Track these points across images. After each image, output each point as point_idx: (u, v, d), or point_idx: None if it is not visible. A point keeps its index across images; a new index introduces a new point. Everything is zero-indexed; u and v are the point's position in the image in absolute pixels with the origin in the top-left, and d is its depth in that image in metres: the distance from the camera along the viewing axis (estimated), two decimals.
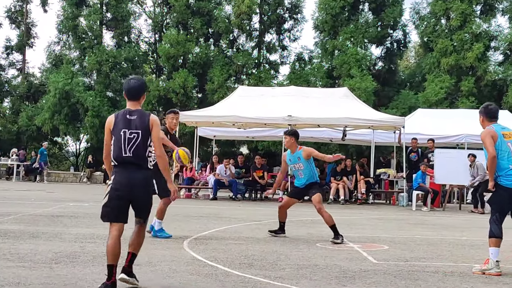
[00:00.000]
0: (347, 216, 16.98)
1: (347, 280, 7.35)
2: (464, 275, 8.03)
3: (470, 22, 33.58)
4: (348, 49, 33.88)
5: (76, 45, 36.48)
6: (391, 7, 34.94)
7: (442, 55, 33.40)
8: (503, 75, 34.39)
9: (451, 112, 29.04)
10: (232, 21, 35.84)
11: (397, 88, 35.11)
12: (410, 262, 9.02)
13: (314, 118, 22.30)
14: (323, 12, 34.76)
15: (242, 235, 11.55)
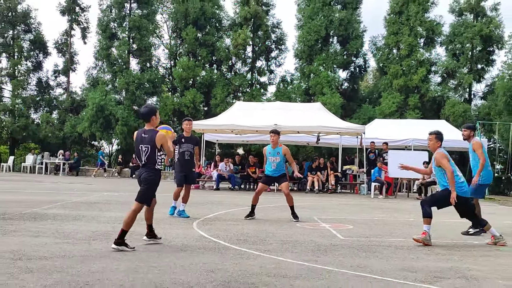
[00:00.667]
0: (320, 202, 17.02)
1: (321, 253, 7.37)
2: (411, 248, 8.05)
3: (416, 51, 33.69)
4: (321, 73, 33.94)
5: (109, 70, 36.47)
6: (354, 40, 35.01)
7: (394, 77, 33.50)
8: (441, 93, 34.52)
9: (400, 121, 29.10)
10: (230, 51, 35.97)
11: (359, 103, 35.18)
12: (369, 238, 9.04)
13: (295, 126, 22.36)
14: (301, 43, 34.83)
15: (239, 217, 11.56)
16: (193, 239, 8.19)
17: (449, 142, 26.20)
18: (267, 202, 16.31)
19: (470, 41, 33.93)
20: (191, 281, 5.43)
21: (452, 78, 35.22)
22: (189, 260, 6.52)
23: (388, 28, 34.85)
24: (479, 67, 34.98)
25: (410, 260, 7.03)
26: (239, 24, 36.22)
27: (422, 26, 34.07)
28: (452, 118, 31.57)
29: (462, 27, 34.13)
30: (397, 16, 34.48)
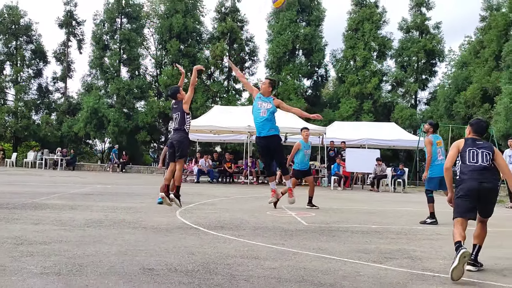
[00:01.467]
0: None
1: (288, 237, 7.40)
2: (365, 233, 8.13)
3: (369, 63, 34.02)
4: (288, 81, 34.05)
5: (102, 77, 36.09)
6: (317, 53, 35.17)
7: (351, 86, 33.76)
8: (391, 99, 34.93)
9: (356, 123, 29.39)
10: (209, 61, 35.96)
11: (321, 108, 35.33)
12: (329, 224, 9.11)
13: None
14: (271, 55, 34.86)
15: (217, 206, 11.55)
16: (176, 226, 8.15)
17: (398, 142, 26.67)
18: (242, 193, 16.32)
19: (416, 55, 34.38)
20: (174, 262, 5.41)
21: (400, 87, 35.65)
22: (172, 244, 6.50)
23: (346, 43, 35.09)
24: (423, 77, 35.50)
25: (364, 243, 7.10)
26: (217, 37, 36.20)
27: (375, 41, 34.39)
28: (401, 121, 31.98)
29: (409, 42, 34.56)
30: (354, 33, 34.75)
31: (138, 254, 5.81)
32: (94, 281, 4.58)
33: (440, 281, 5.07)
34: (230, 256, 5.85)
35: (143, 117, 34.53)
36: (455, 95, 29.86)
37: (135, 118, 34.72)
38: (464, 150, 5.92)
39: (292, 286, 4.67)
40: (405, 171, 21.92)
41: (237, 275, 4.97)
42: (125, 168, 31.39)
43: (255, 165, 23.22)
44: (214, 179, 22.74)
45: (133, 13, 36.28)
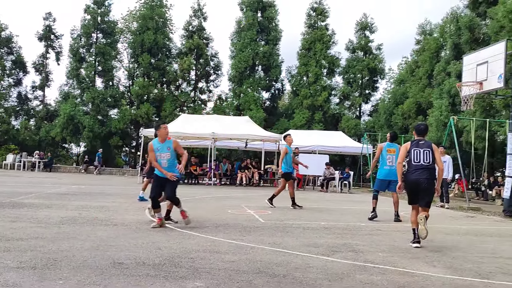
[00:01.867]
0: (247, 193, 17.06)
1: (247, 233, 7.39)
2: (315, 229, 8.20)
3: (320, 79, 34.43)
4: (249, 93, 34.10)
5: (78, 86, 35.22)
6: (274, 69, 35.37)
7: (304, 98, 34.09)
8: (339, 111, 35.48)
9: (308, 132, 29.65)
10: (178, 74, 35.74)
11: (277, 117, 35.58)
12: (284, 221, 9.15)
13: (228, 134, 22.37)
14: (234, 70, 34.83)
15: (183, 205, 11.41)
16: (144, 223, 8.02)
17: (344, 148, 27.08)
18: (206, 193, 16.22)
19: (361, 72, 35.06)
20: (142, 257, 5.32)
21: (347, 100, 36.26)
22: (141, 240, 6.39)
23: (300, 60, 35.44)
24: (366, 92, 36.22)
25: (314, 238, 7.17)
26: (185, 53, 35.98)
27: (325, 60, 34.86)
28: (347, 130, 32.51)
29: (355, 61, 35.22)
30: (307, 52, 35.14)
31: (109, 249, 5.69)
32: (68, 274, 4.46)
33: (379, 271, 5.16)
34: (193, 251, 5.80)
35: (116, 123, 33.91)
36: (393, 108, 30.62)
37: (109, 125, 34.05)
38: (410, 150, 6.97)
39: (249, 277, 4.66)
40: (350, 174, 22.25)
41: (200, 268, 4.93)
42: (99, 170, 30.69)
43: (218, 168, 23.13)
44: (180, 181, 22.47)
45: (108, 29, 35.65)
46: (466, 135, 20.83)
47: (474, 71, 13.45)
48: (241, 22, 35.61)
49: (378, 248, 6.54)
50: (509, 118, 13.05)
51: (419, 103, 28.02)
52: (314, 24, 35.68)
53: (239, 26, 35.68)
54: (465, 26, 22.63)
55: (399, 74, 36.45)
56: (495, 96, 15.10)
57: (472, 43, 22.55)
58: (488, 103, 19.83)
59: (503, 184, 16.00)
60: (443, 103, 23.00)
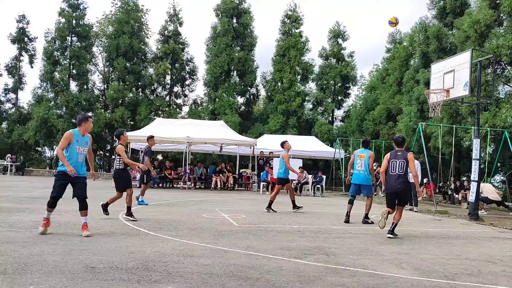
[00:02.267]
0: (221, 197, 17.01)
1: (220, 236, 7.36)
2: (288, 232, 8.23)
3: (294, 85, 34.62)
4: (224, 98, 34.04)
5: (52, 89, 34.55)
6: (250, 74, 35.43)
7: (278, 104, 34.23)
8: (312, 116, 35.77)
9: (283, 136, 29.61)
10: (153, 78, 35.51)
11: (252, 122, 35.61)
12: (257, 225, 9.15)
13: (203, 138, 22.25)
14: (209, 75, 34.74)
15: (157, 210, 11.32)
16: (119, 227, 7.91)
17: (317, 153, 27.29)
18: (181, 197, 16.09)
19: (333, 79, 35.43)
20: (115, 261, 5.24)
21: (320, 106, 36.56)
22: (114, 244, 6.29)
23: (274, 67, 35.57)
24: (339, 98, 36.59)
25: (287, 241, 7.19)
26: (160, 57, 35.79)
27: (299, 66, 35.08)
28: (320, 135, 32.77)
29: (328, 68, 35.56)
30: (281, 58, 35.30)
31: (82, 253, 5.58)
32: (39, 279, 4.35)
33: (350, 273, 5.21)
34: (167, 255, 5.74)
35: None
36: (365, 114, 31.01)
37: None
38: (389, 160, 8.47)
39: (223, 280, 4.64)
40: (323, 178, 22.43)
41: (173, 272, 4.88)
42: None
43: (193, 172, 22.99)
44: (155, 185, 22.27)
45: (83, 33, 35.09)
46: (434, 140, 21.27)
47: (441, 79, 13.73)
48: (216, 28, 35.57)
49: (349, 251, 6.60)
50: (474, 125, 13.38)
51: (389, 110, 28.45)
52: (289, 31, 35.91)
53: (214, 32, 35.64)
54: (433, 35, 23.14)
55: (370, 81, 36.98)
56: (461, 104, 15.48)
57: (439, 52, 23.06)
58: (454, 110, 20.30)
59: (468, 188, 16.39)
60: (412, 109, 23.42)
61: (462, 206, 18.60)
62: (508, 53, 17.52)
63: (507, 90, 19.53)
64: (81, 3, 35.28)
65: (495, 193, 16.13)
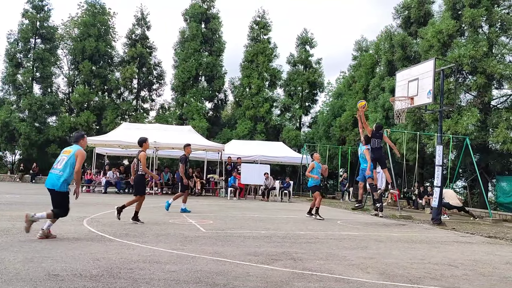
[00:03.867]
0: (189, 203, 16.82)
1: (187, 242, 7.30)
2: (256, 238, 8.22)
3: (262, 91, 34.82)
4: (192, 103, 33.91)
5: (14, 92, 33.62)
6: (218, 79, 35.47)
7: (246, 109, 34.33)
8: (280, 122, 36.00)
9: (250, 142, 29.82)
10: (120, 82, 35.07)
11: (220, 127, 35.57)
12: (225, 230, 9.11)
13: (170, 143, 22.05)
14: (177, 80, 34.58)
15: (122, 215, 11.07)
16: (83, 234, 7.73)
17: (285, 158, 27.46)
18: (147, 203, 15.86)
19: (301, 85, 35.77)
20: (79, 268, 5.12)
21: (288, 111, 36.83)
22: (79, 251, 6.14)
23: (242, 72, 35.70)
24: (306, 104, 36.97)
25: (254, 247, 7.18)
26: (127, 61, 35.41)
27: (267, 72, 35.32)
28: (287, 140, 33.01)
29: (296, 74, 35.90)
30: (249, 64, 35.46)
31: (44, 261, 5.42)
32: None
33: (317, 278, 5.25)
34: (133, 261, 5.64)
35: (54, 131, 32.59)
36: (332, 120, 31.37)
37: (46, 132, 32.65)
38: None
39: (190, 287, 4.60)
40: (290, 183, 22.55)
41: (139, 279, 4.80)
42: (35, 178, 29.35)
43: (160, 177, 22.73)
44: (121, 190, 21.93)
45: (47, 35, 34.34)
46: (398, 147, 21.72)
47: (406, 87, 14.08)
48: (185, 33, 35.45)
49: (316, 256, 6.64)
50: (437, 132, 13.74)
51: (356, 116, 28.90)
52: (257, 37, 36.11)
53: (183, 37, 35.50)
54: (398, 44, 23.69)
55: (337, 88, 37.49)
56: (425, 111, 15.90)
57: (404, 60, 23.62)
58: (418, 117, 20.81)
59: (432, 193, 16.79)
60: (378, 116, 23.86)
61: (425, 211, 19.04)
62: (469, 62, 18.13)
63: (468, 99, 20.17)
64: (46, 4, 34.60)
65: (456, 199, 16.58)
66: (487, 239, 10.08)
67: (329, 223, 11.67)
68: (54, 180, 7.11)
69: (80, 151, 7.39)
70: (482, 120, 18.75)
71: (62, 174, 7.10)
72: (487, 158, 20.16)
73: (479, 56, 18.01)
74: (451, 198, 16.21)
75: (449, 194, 16.40)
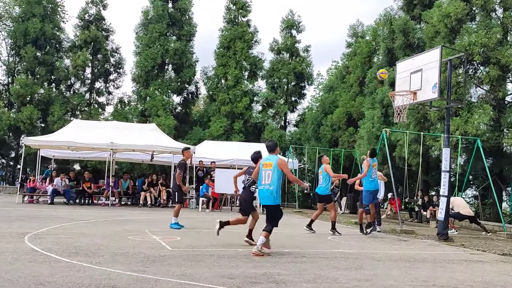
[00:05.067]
0: (152, 216, 16.77)
1: (150, 263, 7.25)
2: (232, 257, 8.22)
3: (241, 83, 34.83)
4: (157, 97, 33.74)
5: None
6: (188, 69, 35.35)
7: (222, 104, 34.30)
8: (261, 120, 36.06)
9: (227, 143, 29.77)
10: (70, 71, 34.75)
11: (190, 125, 35.46)
12: (195, 248, 9.09)
13: (130, 144, 21.90)
14: (139, 69, 34.36)
15: (72, 231, 10.98)
16: (24, 253, 7.61)
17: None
18: (103, 216, 15.73)
19: (286, 77, 35.90)
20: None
21: (271, 107, 36.96)
22: (18, 273, 6.04)
23: (217, 60, 35.65)
24: (293, 99, 37.16)
25: (230, 268, 7.17)
26: (79, 46, 35.03)
27: (247, 60, 35.37)
28: None
29: (280, 64, 36.04)
30: (226, 50, 35.44)
31: None
32: None
33: None
34: (84, 286, 5.58)
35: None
36: (322, 118, 31.59)
37: None
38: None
39: None
40: None
41: None
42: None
43: (117, 185, 22.54)
44: (71, 200, 21.67)
45: None
46: (399, 149, 21.98)
47: (408, 80, 14.23)
48: (148, 13, 35.26)
49: (302, 278, 6.66)
50: (444, 132, 13.92)
51: (350, 113, 29.15)
52: (235, 20, 36.14)
53: (146, 18, 35.31)
54: (399, 29, 23.97)
55: (328, 80, 37.78)
56: (430, 108, 16.11)
57: (406, 48, 23.92)
58: (422, 115, 21.08)
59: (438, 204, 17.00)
60: (375, 113, 24.10)
61: (430, 224, 19.29)
62: (481, 52, 18.43)
63: (479, 94, 20.51)
64: None
65: (467, 207, 16.79)
66: (500, 257, 10.26)
67: (318, 238, 11.72)
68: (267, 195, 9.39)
69: (282, 161, 9.64)
70: (496, 118, 19.09)
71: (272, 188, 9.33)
72: (501, 163, 20.52)
73: (492, 44, 18.33)
74: (462, 207, 16.37)
75: (458, 202, 16.59)
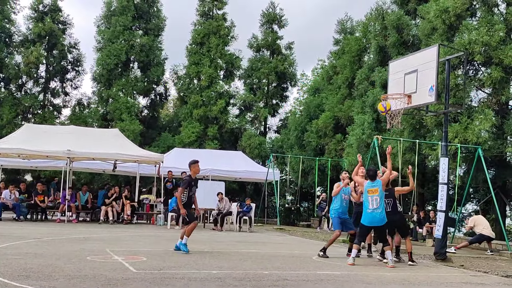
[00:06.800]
0: (114, 234, 16.63)
1: (112, 287, 7.18)
2: (204, 280, 8.20)
3: (215, 83, 34.83)
4: (120, 98, 33.56)
5: None
6: (156, 67, 35.24)
7: (194, 107, 34.23)
8: (239, 125, 36.02)
9: (199, 151, 29.69)
10: (21, 68, 34.26)
11: (158, 131, 35.34)
12: (163, 270, 9.04)
13: (90, 152, 21.74)
14: (100, 66, 34.13)
15: (22, 251, 10.84)
16: None
17: (245, 173, 27.51)
18: (58, 234, 15.55)
19: (266, 77, 35.98)
20: None
21: (249, 111, 36.95)
22: None
23: (189, 58, 35.60)
24: (274, 102, 37.27)
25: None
26: (32, 40, 34.65)
27: (222, 58, 35.35)
28: (249, 149, 33.08)
29: (260, 62, 36.11)
30: (199, 47, 35.44)
31: None
32: None
33: None
34: None
35: None
36: (306, 123, 31.68)
37: None
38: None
39: None
40: (252, 207, 22.55)
41: None
42: None
43: (75, 198, 22.31)
44: (21, 216, 21.39)
45: None
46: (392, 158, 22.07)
47: (402, 81, 14.34)
48: (111, 4, 35.12)
49: None
50: (442, 140, 14.06)
51: (337, 118, 29.27)
52: (209, 12, 36.19)
53: (108, 9, 35.16)
54: (392, 25, 24.21)
55: (313, 81, 37.99)
56: (426, 112, 16.25)
57: (400, 46, 24.16)
58: (418, 120, 21.27)
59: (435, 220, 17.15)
60: (366, 118, 24.25)
61: (426, 243, 19.45)
62: (482, 51, 18.67)
63: (481, 97, 20.77)
64: None
65: (490, 227, 17.12)
66: (504, 280, 10.38)
67: (302, 259, 11.73)
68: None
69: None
70: (499, 125, 19.34)
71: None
72: (504, 174, 20.78)
73: (495, 42, 18.59)
74: (485, 227, 16.71)
75: (481, 221, 17.00)
